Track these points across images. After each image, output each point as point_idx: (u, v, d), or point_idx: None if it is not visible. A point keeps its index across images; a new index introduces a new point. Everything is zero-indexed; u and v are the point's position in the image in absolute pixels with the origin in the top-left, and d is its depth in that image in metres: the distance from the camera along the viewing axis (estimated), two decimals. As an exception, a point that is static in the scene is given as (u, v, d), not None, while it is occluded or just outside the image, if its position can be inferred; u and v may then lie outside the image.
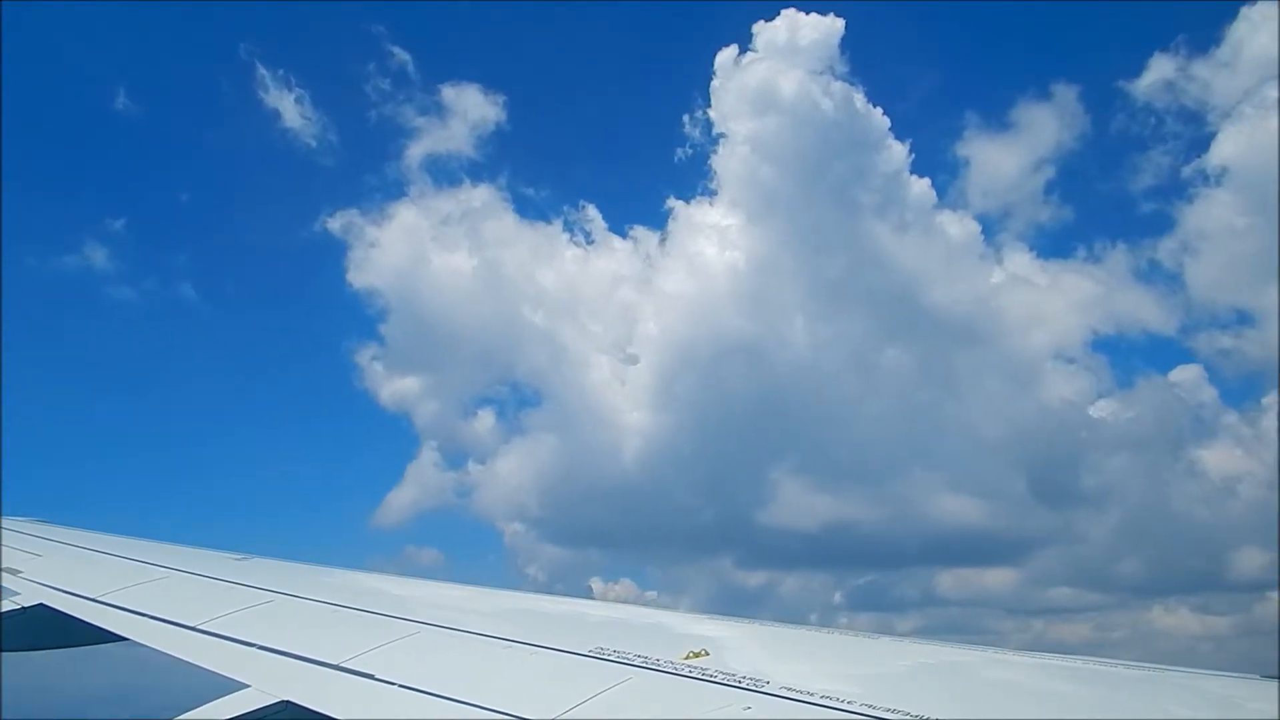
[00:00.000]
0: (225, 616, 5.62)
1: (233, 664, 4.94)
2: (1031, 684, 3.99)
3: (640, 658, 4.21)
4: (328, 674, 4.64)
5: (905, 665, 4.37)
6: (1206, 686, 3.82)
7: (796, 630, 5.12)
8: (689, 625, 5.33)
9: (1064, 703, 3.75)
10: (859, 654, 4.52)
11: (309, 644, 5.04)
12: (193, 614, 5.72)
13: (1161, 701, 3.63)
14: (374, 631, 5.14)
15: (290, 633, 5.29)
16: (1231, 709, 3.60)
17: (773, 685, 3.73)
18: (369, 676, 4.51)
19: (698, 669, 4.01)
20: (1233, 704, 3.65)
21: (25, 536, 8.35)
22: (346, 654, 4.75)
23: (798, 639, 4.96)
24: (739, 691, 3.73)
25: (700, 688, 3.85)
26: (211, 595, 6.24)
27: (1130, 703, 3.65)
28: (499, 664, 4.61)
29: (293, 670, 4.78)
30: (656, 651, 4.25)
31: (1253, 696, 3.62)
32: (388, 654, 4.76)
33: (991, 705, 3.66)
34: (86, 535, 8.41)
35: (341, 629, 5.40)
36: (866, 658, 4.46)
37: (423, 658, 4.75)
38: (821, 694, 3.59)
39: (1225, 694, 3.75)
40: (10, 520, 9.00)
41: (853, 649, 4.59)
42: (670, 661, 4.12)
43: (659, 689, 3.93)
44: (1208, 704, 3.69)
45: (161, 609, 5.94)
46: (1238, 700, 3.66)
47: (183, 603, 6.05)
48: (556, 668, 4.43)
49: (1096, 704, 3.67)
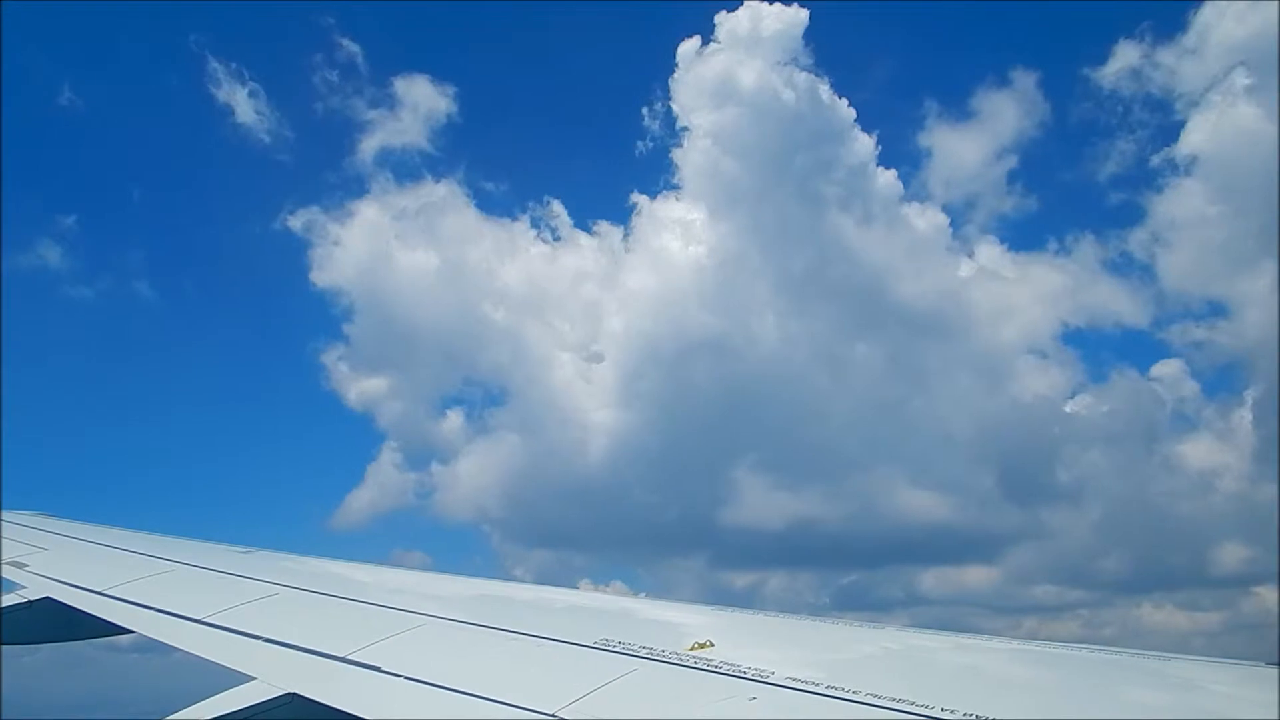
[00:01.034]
0: (231, 609, 5.63)
1: (238, 657, 4.95)
2: (1041, 672, 4.00)
3: (645, 649, 4.22)
4: (334, 666, 4.65)
5: (910, 655, 4.38)
6: (1212, 674, 3.83)
7: (801, 621, 5.12)
8: (693, 617, 5.34)
9: (1080, 691, 3.74)
10: (863, 644, 4.52)
11: (314, 636, 5.05)
12: (198, 607, 5.73)
13: (1172, 688, 3.64)
14: (379, 624, 5.15)
15: (295, 625, 5.30)
16: (1236, 696, 3.61)
17: (777, 676, 3.73)
18: (375, 669, 4.52)
19: (703, 660, 4.02)
20: (1238, 690, 3.65)
21: (30, 530, 8.36)
22: (352, 646, 4.76)
23: (802, 630, 4.97)
24: (744, 682, 3.74)
25: (705, 679, 3.85)
26: (217, 588, 6.25)
27: (1145, 690, 3.66)
28: (504, 656, 4.62)
29: (298, 663, 4.79)
30: (661, 643, 4.26)
31: (1256, 683, 3.62)
32: (393, 646, 4.77)
33: (1005, 695, 3.66)
34: (92, 529, 8.43)
35: (346, 621, 5.41)
36: (871, 648, 4.46)
37: (428, 650, 4.75)
38: (826, 684, 3.59)
39: (1231, 681, 3.75)
40: (14, 514, 9.02)
41: (857, 639, 4.59)
42: (675, 653, 4.12)
43: (664, 680, 3.94)
44: (1216, 690, 3.70)
45: (167, 602, 5.95)
46: (1242, 686, 3.67)
47: (188, 595, 6.07)
48: (562, 659, 4.43)
49: (1116, 692, 3.67)
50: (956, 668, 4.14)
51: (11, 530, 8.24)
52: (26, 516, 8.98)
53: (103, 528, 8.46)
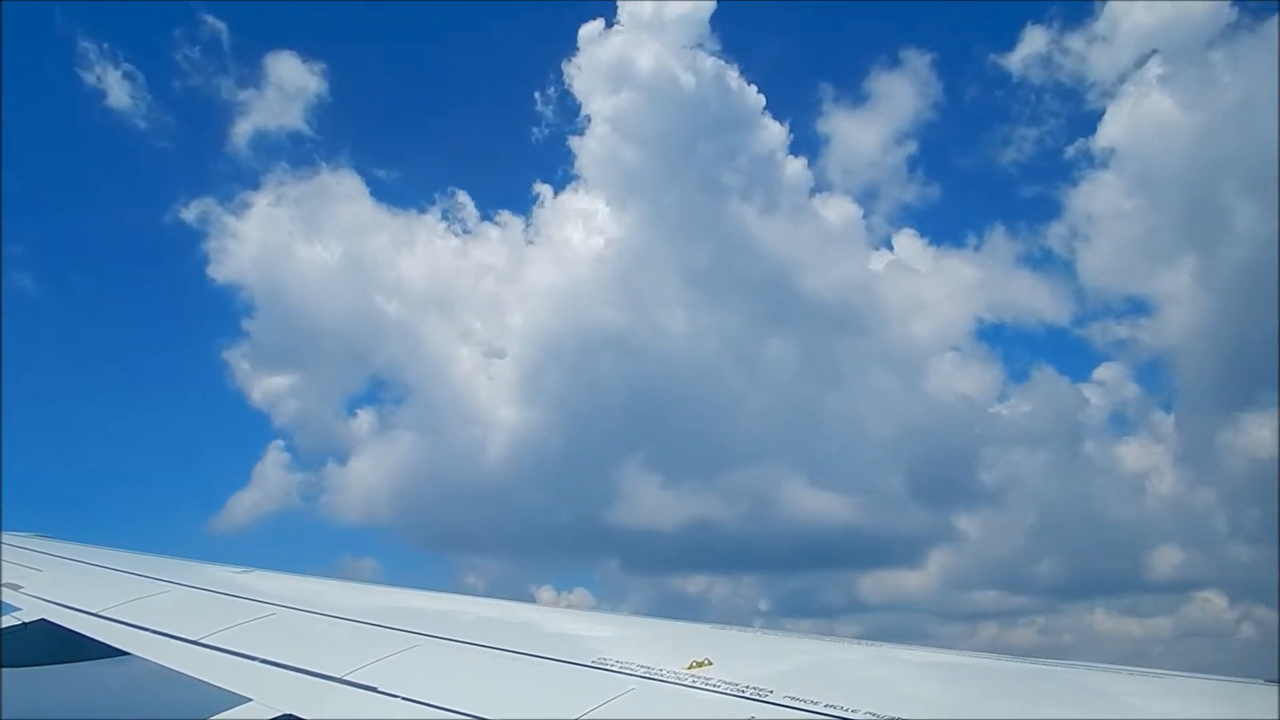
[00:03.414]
0: (227, 630, 5.61)
1: (235, 678, 4.93)
2: (1043, 688, 3.98)
3: (642, 668, 4.21)
4: (330, 687, 4.63)
5: (908, 672, 4.37)
6: (1214, 691, 3.82)
7: (801, 639, 5.11)
8: (690, 635, 5.32)
9: (1085, 707, 3.73)
10: (862, 662, 4.51)
11: (311, 657, 5.03)
12: (194, 628, 5.71)
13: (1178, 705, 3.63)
14: (375, 643, 5.14)
15: (292, 645, 5.29)
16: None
17: (776, 695, 3.72)
18: (372, 689, 4.50)
19: (700, 679, 4.01)
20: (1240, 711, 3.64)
21: (25, 551, 8.34)
22: (349, 666, 4.74)
23: (802, 648, 4.96)
24: (742, 701, 3.73)
25: (703, 698, 3.84)
26: (213, 608, 6.24)
27: (1150, 704, 3.65)
28: (501, 675, 4.60)
29: (295, 683, 4.77)
30: (658, 662, 4.25)
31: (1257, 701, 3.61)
32: (390, 666, 4.76)
33: (1006, 711, 3.65)
34: (88, 550, 8.41)
35: (343, 641, 5.39)
36: (870, 666, 4.45)
37: (425, 669, 4.74)
38: (825, 703, 3.58)
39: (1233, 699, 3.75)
40: (10, 535, 9.00)
41: (855, 657, 4.58)
42: (673, 672, 4.11)
43: (662, 699, 3.93)
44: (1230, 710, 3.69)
45: (163, 623, 5.94)
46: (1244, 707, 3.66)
47: (184, 616, 6.05)
48: (559, 679, 4.42)
49: (1123, 706, 3.66)
50: (956, 685, 4.13)
51: (7, 551, 8.22)
52: (22, 538, 8.97)
53: (99, 549, 8.44)
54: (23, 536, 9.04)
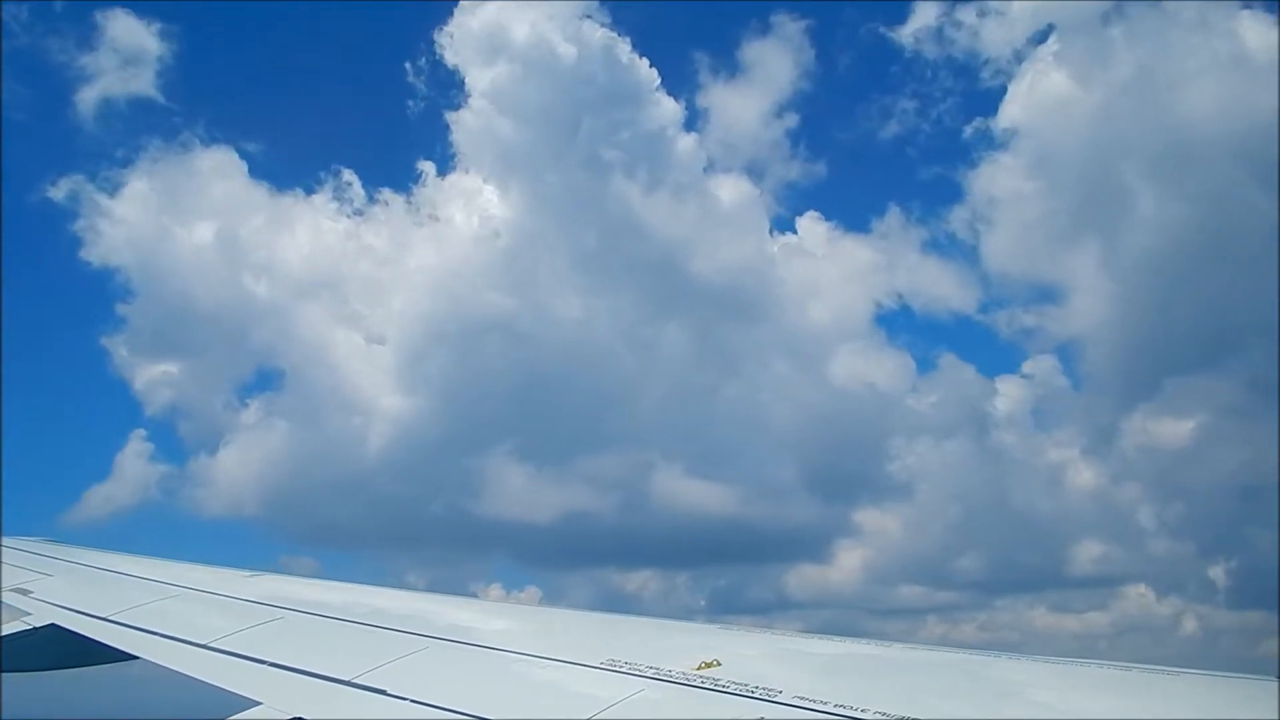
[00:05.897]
0: (236, 634, 5.63)
1: (244, 682, 4.94)
2: (1045, 686, 3.98)
3: (652, 669, 4.21)
4: (340, 690, 4.64)
5: (916, 671, 4.37)
6: (1216, 689, 3.81)
7: (810, 639, 5.12)
8: (699, 635, 5.33)
9: (1088, 705, 3.73)
10: (872, 662, 4.51)
11: (320, 660, 5.04)
12: (204, 631, 5.73)
13: (1182, 704, 3.62)
14: (384, 646, 5.15)
15: (301, 649, 5.30)
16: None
17: (786, 695, 3.73)
18: (381, 692, 4.51)
19: (710, 679, 4.01)
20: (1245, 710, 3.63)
21: (33, 556, 8.37)
22: (358, 670, 4.75)
23: (811, 648, 4.96)
24: (752, 701, 3.73)
25: (713, 698, 3.84)
26: (222, 612, 6.26)
27: (1153, 705, 3.64)
28: (511, 677, 4.61)
29: (304, 687, 4.78)
30: (667, 663, 4.25)
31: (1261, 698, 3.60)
32: (399, 669, 4.77)
33: (1017, 711, 3.65)
34: (96, 554, 8.44)
35: (351, 644, 5.40)
36: (880, 665, 4.45)
37: (434, 672, 4.75)
38: (835, 703, 3.59)
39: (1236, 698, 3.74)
40: (17, 540, 9.03)
41: (866, 656, 4.58)
42: (682, 672, 4.12)
43: (671, 700, 3.93)
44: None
45: (172, 627, 5.95)
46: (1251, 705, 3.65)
47: (193, 620, 6.07)
48: (569, 681, 4.43)
49: (1126, 706, 3.66)
50: (964, 683, 4.12)
51: (15, 556, 8.26)
52: (30, 542, 9.00)
53: (107, 553, 8.47)
54: (29, 541, 9.07)
